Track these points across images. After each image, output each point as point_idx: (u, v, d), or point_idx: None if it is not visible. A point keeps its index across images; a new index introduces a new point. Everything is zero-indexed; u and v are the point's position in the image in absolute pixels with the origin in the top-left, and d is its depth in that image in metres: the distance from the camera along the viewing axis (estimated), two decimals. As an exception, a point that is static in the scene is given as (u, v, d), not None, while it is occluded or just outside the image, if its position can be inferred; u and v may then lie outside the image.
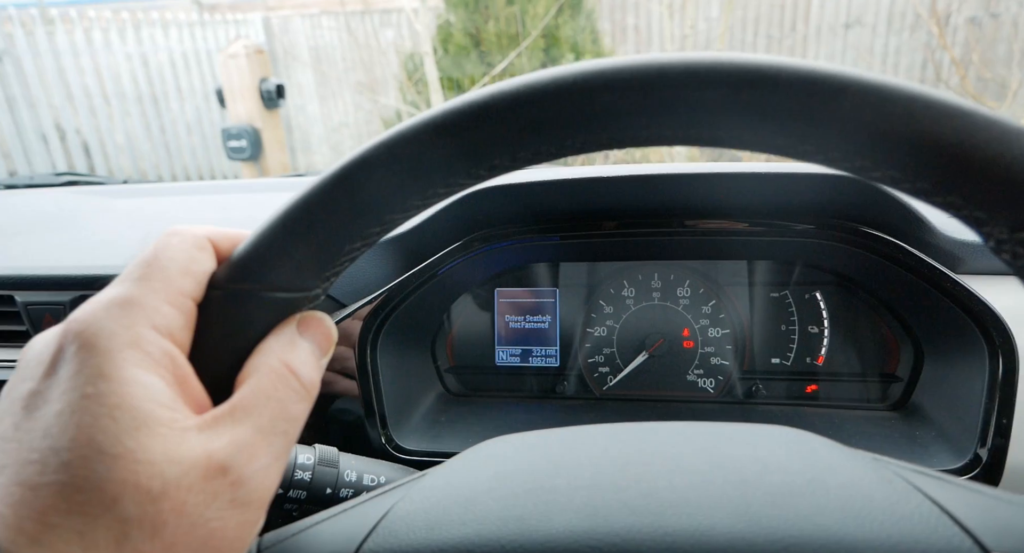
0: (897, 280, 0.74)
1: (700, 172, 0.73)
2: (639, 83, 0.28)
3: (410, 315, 0.83)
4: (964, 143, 0.26)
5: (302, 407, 0.31)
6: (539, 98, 0.30)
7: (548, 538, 0.33)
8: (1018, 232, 0.28)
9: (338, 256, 0.33)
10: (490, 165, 0.32)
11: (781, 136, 0.29)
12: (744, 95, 0.27)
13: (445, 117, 0.31)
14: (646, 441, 0.41)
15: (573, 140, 0.31)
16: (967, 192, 0.28)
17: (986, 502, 0.32)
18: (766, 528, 0.32)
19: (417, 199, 0.32)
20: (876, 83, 0.27)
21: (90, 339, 0.27)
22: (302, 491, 0.54)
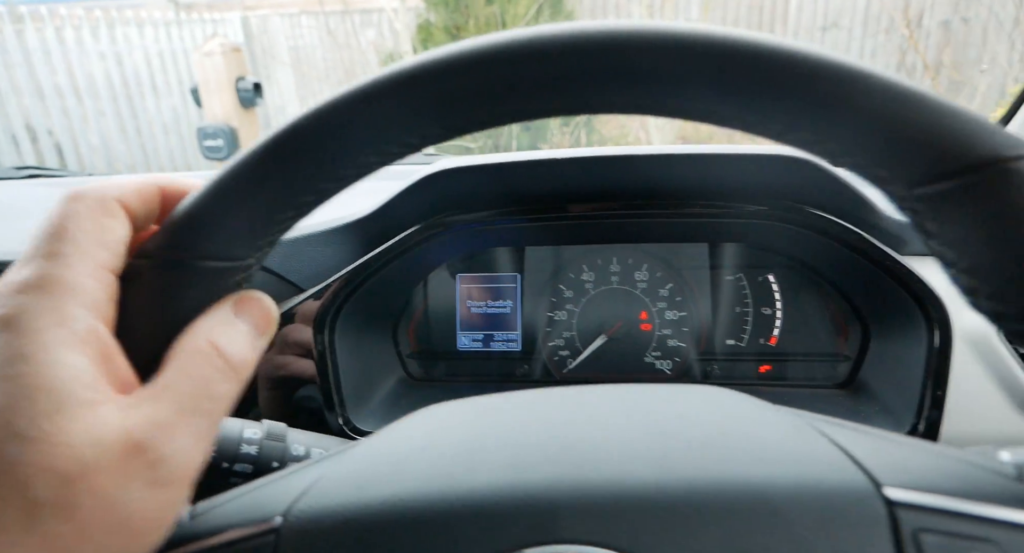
0: (845, 261, 0.76)
1: (653, 153, 0.74)
2: (562, 51, 0.29)
3: (371, 299, 0.83)
4: (863, 104, 0.28)
5: (228, 387, 0.31)
6: (469, 66, 0.30)
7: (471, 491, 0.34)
8: (915, 188, 0.29)
9: (271, 225, 0.33)
10: (422, 134, 0.32)
11: (699, 101, 0.30)
12: (662, 61, 0.28)
13: (375, 85, 0.31)
14: (575, 402, 0.42)
15: (504, 107, 0.31)
16: (869, 152, 0.29)
17: (883, 444, 0.33)
18: (677, 474, 0.33)
19: (350, 168, 0.33)
20: (782, 48, 0.28)
21: (11, 321, 0.26)
22: (248, 465, 0.54)
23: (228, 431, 0.55)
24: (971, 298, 0.30)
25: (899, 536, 0.28)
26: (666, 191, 0.80)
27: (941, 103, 0.28)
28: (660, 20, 0.30)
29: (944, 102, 0.28)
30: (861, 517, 0.29)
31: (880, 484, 0.30)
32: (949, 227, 0.29)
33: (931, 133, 0.27)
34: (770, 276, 0.85)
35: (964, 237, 0.28)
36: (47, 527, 0.24)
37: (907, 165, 0.29)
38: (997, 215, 0.27)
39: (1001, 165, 0.26)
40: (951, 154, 0.27)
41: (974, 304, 0.30)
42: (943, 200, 0.28)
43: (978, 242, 0.28)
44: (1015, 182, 0.26)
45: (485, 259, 0.93)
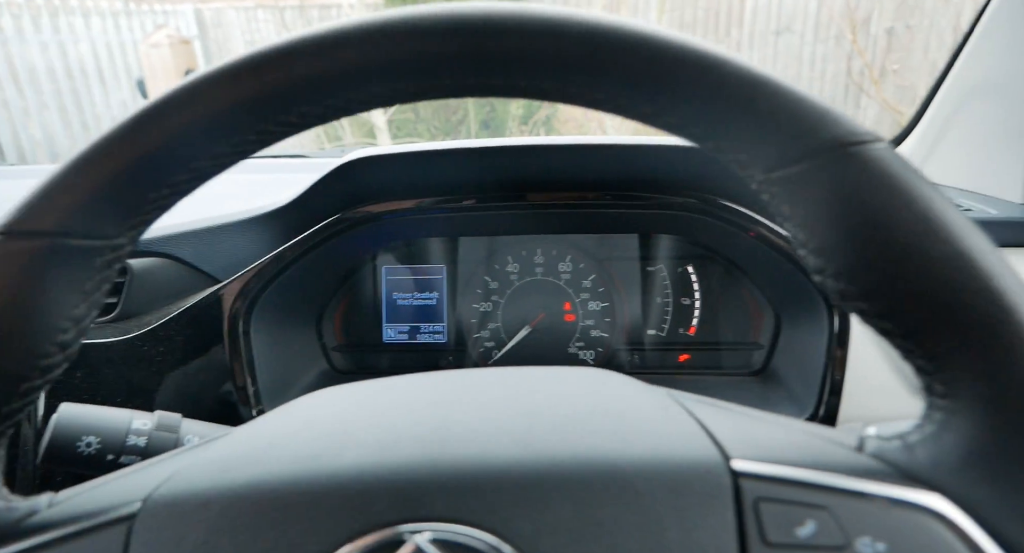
0: (756, 252, 0.77)
1: (574, 144, 0.75)
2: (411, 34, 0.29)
3: (292, 291, 0.82)
4: (721, 89, 0.29)
5: None
6: (345, 45, 0.30)
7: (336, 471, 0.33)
8: (770, 173, 0.30)
9: (143, 203, 0.32)
10: (299, 112, 0.32)
11: (572, 84, 0.30)
12: (532, 46, 0.29)
13: (248, 61, 0.30)
14: (453, 385, 0.41)
15: (375, 88, 0.31)
16: (729, 136, 0.30)
17: (739, 419, 0.34)
18: (540, 451, 0.33)
19: (225, 147, 0.32)
20: (647, 34, 0.29)
21: None
22: (136, 457, 0.53)
23: (115, 422, 0.53)
24: (819, 277, 0.30)
25: (741, 505, 0.29)
26: (595, 181, 0.80)
27: (791, 91, 0.29)
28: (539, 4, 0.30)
29: (794, 90, 0.29)
30: (708, 488, 0.30)
31: (729, 456, 0.30)
32: (799, 209, 0.29)
33: (781, 119, 0.28)
34: (689, 267, 0.86)
35: (812, 218, 0.29)
36: None
37: (761, 149, 0.29)
38: (839, 197, 0.28)
39: (842, 150, 0.28)
40: (798, 139, 0.28)
41: (822, 283, 0.30)
42: (793, 183, 0.29)
43: (823, 223, 0.29)
44: (855, 166, 0.27)
45: (411, 250, 0.92)
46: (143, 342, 0.76)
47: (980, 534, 0.26)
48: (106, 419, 0.53)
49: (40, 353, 0.32)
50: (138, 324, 0.77)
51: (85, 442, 0.52)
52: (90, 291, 0.33)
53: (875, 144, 0.28)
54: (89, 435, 0.52)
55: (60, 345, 0.32)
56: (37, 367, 0.32)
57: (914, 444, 0.29)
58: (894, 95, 5.63)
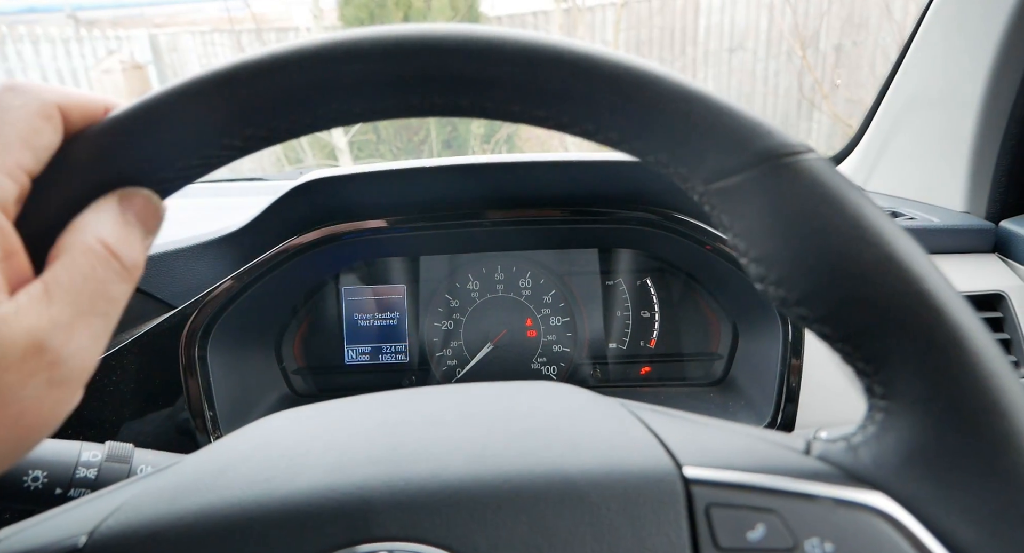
0: (711, 263, 0.78)
1: (530, 161, 0.75)
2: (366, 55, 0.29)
3: (250, 314, 0.81)
4: (658, 105, 0.29)
5: (123, 288, 0.30)
6: (296, 66, 0.30)
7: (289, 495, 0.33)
8: (709, 184, 0.30)
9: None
10: (242, 135, 0.32)
11: (514, 103, 0.31)
12: (471, 66, 0.29)
13: (184, 88, 0.30)
14: (407, 403, 0.41)
15: (328, 109, 0.31)
16: (668, 150, 0.31)
17: (691, 427, 0.34)
18: (494, 467, 0.33)
19: (193, 159, 0.32)
20: (584, 53, 0.30)
21: None
22: (86, 490, 0.51)
23: (61, 455, 0.52)
24: (760, 285, 0.31)
25: (693, 512, 0.29)
26: (554, 198, 0.81)
27: (724, 105, 0.30)
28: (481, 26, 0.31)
29: (727, 104, 0.30)
30: (660, 496, 0.30)
31: (681, 464, 0.31)
32: (738, 219, 0.30)
33: (716, 132, 0.29)
34: (648, 280, 0.87)
35: (750, 228, 0.30)
36: None
37: (699, 162, 0.30)
38: (773, 207, 0.29)
39: (776, 161, 0.28)
40: (734, 152, 0.29)
41: (764, 291, 0.31)
42: (730, 194, 0.30)
43: (761, 233, 0.29)
44: (788, 176, 0.28)
45: (371, 271, 0.92)
46: (94, 372, 0.74)
47: (923, 531, 0.27)
48: (53, 452, 0.52)
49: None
50: (89, 353, 0.75)
51: (31, 476, 0.50)
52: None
53: (806, 155, 0.29)
54: (36, 469, 0.50)
55: None
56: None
57: (857, 445, 0.30)
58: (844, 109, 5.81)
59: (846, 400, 0.69)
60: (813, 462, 0.31)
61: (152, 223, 0.32)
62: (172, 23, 6.66)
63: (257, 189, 1.25)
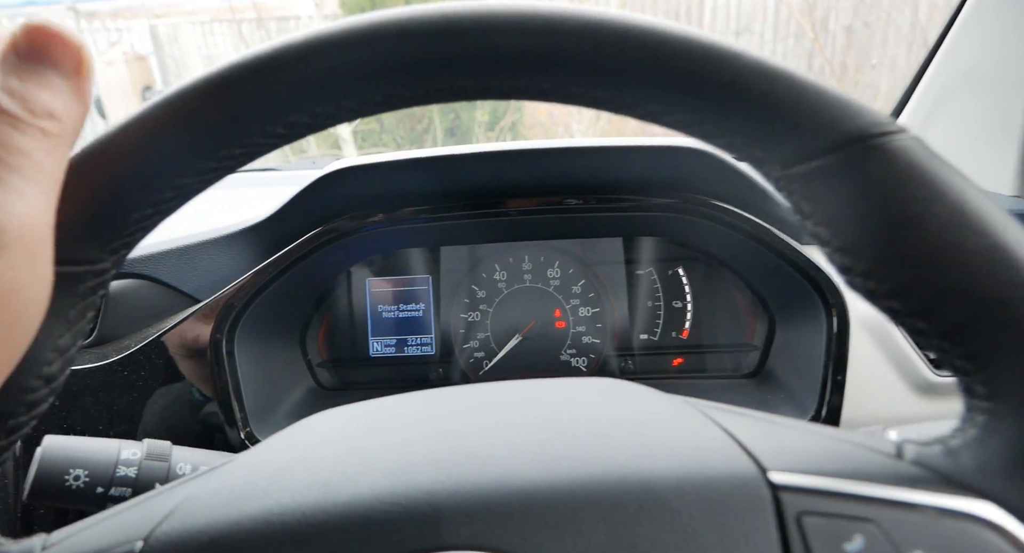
0: (749, 252, 0.77)
1: (557, 147, 0.74)
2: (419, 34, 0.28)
3: (275, 307, 0.79)
4: (735, 84, 0.27)
5: (30, 139, 0.27)
6: (331, 49, 0.29)
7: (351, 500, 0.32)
8: (789, 169, 0.29)
9: (125, 225, 0.30)
10: (287, 122, 0.30)
11: (577, 85, 0.29)
12: (530, 46, 0.27)
13: (233, 70, 0.29)
14: (466, 400, 0.40)
15: (374, 94, 0.30)
16: (744, 132, 0.29)
17: (772, 429, 0.33)
18: (564, 470, 0.31)
19: (210, 161, 0.30)
20: (654, 29, 0.28)
21: None
22: (126, 488, 0.50)
23: (102, 453, 0.51)
24: (846, 277, 0.30)
25: (783, 520, 0.27)
26: (578, 185, 0.79)
27: (809, 83, 0.28)
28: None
29: (812, 82, 0.28)
30: (746, 503, 0.28)
31: (765, 469, 0.29)
32: (821, 206, 0.28)
33: (799, 112, 0.27)
34: (680, 269, 0.86)
35: (835, 216, 0.28)
36: None
37: (779, 144, 0.28)
38: (864, 192, 0.27)
39: (867, 142, 0.26)
40: (819, 133, 0.27)
41: (849, 283, 0.29)
42: (814, 179, 0.28)
43: (848, 220, 0.28)
44: (881, 159, 0.26)
45: (395, 261, 0.90)
46: (123, 367, 0.73)
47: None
48: (93, 450, 0.51)
49: (25, 387, 0.30)
50: (116, 348, 0.74)
51: (73, 475, 0.49)
52: (74, 320, 0.31)
53: (899, 135, 0.27)
54: (76, 468, 0.49)
55: (45, 378, 0.30)
56: (22, 402, 0.30)
57: (957, 449, 0.28)
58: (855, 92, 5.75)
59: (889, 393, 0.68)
60: (908, 467, 0.29)
61: (66, 61, 0.28)
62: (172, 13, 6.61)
63: (272, 179, 1.23)
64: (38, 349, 0.30)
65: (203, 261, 0.78)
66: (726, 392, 0.77)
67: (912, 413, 0.66)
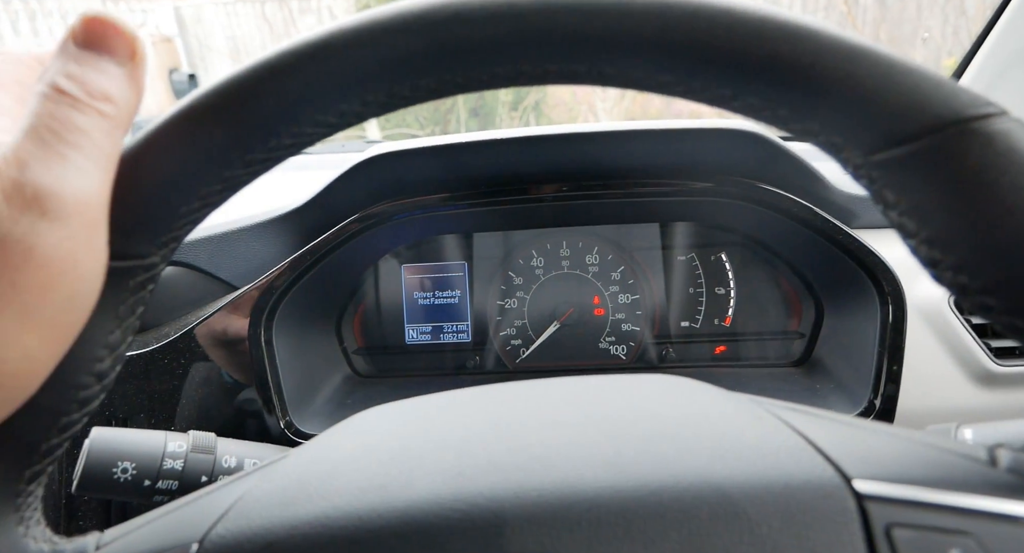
0: (796, 237, 0.74)
1: (602, 130, 0.71)
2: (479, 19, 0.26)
3: (311, 294, 0.79)
4: (814, 65, 0.25)
5: (89, 119, 0.28)
6: (383, 35, 0.27)
7: (409, 504, 0.31)
8: (872, 155, 0.27)
9: (174, 218, 0.30)
10: (338, 111, 0.29)
11: (638, 68, 0.28)
12: (595, 26, 0.26)
13: (281, 60, 0.28)
14: (521, 398, 0.39)
15: (427, 79, 0.29)
16: (821, 116, 0.27)
17: (849, 432, 0.31)
18: (634, 475, 0.30)
19: (260, 153, 0.30)
20: (725, 7, 0.26)
21: None
22: (173, 481, 0.50)
23: (148, 446, 0.51)
24: (933, 271, 0.27)
25: (871, 532, 0.26)
26: (614, 170, 0.77)
27: (896, 61, 0.26)
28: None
29: (899, 60, 0.26)
30: (830, 513, 0.27)
31: (849, 477, 0.28)
32: (909, 195, 0.26)
33: (887, 94, 0.25)
34: (723, 255, 0.84)
35: (925, 205, 0.26)
36: None
37: (862, 130, 0.26)
38: (960, 180, 0.25)
39: (963, 126, 0.24)
40: (909, 116, 0.25)
41: (937, 277, 0.27)
42: (902, 166, 0.26)
43: (940, 210, 0.26)
44: (979, 143, 0.24)
45: (431, 248, 0.89)
46: (163, 354, 0.73)
47: None
48: (140, 443, 0.51)
49: (77, 385, 0.29)
50: (157, 336, 0.74)
51: (120, 468, 0.49)
52: (124, 315, 0.31)
53: (1000, 117, 0.25)
54: (124, 461, 0.49)
55: (97, 375, 0.30)
56: (75, 400, 0.29)
57: None
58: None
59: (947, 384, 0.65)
60: (1005, 476, 0.27)
61: (117, 46, 0.30)
62: (195, -7, 6.62)
63: (303, 163, 1.22)
64: (89, 345, 0.29)
65: (241, 248, 0.78)
66: (772, 381, 0.75)
67: (972, 404, 0.64)
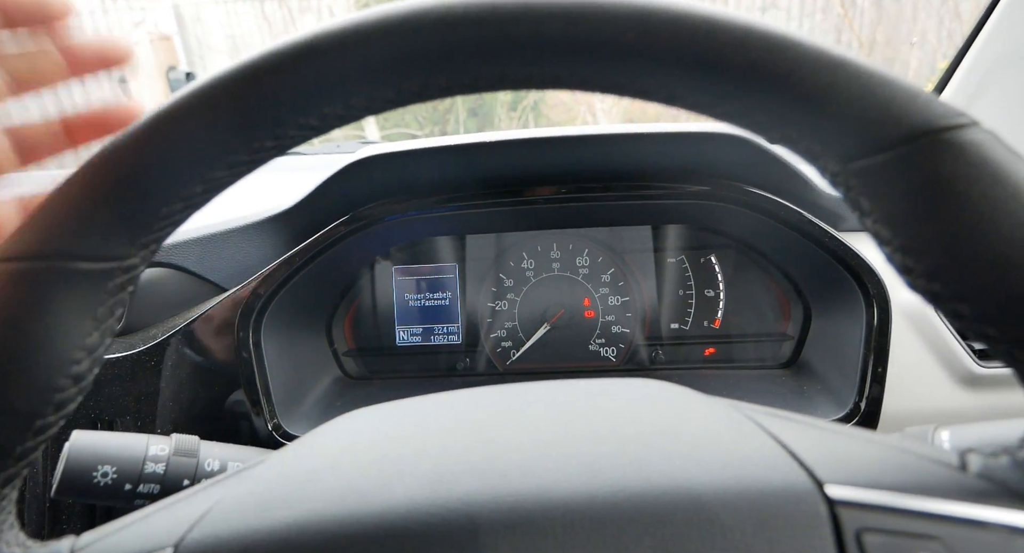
0: (785, 240, 0.74)
1: (592, 134, 0.72)
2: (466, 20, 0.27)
3: (301, 295, 0.79)
4: (792, 74, 0.26)
5: None
6: (368, 37, 0.28)
7: (386, 509, 0.31)
8: (849, 163, 0.27)
9: (154, 220, 0.30)
10: (320, 114, 0.29)
11: (620, 73, 0.28)
12: (578, 31, 0.26)
13: (264, 61, 0.28)
14: (502, 402, 0.39)
15: (410, 82, 0.29)
16: (800, 124, 0.27)
17: (824, 437, 0.31)
18: (610, 480, 0.30)
19: (243, 154, 0.30)
20: (707, 16, 0.26)
21: None
22: (155, 485, 0.50)
23: (130, 449, 0.50)
24: (907, 277, 0.28)
25: (842, 538, 0.26)
26: (607, 173, 0.77)
27: (873, 72, 0.26)
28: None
29: (876, 71, 0.26)
30: (802, 519, 0.27)
31: (822, 482, 0.28)
32: (883, 203, 0.27)
33: (862, 103, 0.25)
34: (712, 257, 0.84)
35: (898, 213, 0.26)
36: None
37: (839, 138, 0.27)
38: (932, 189, 0.25)
39: (936, 136, 0.25)
40: (884, 125, 0.25)
41: (911, 284, 0.28)
42: (877, 175, 0.26)
43: (913, 219, 0.26)
44: (951, 154, 0.24)
45: (421, 250, 0.89)
46: (150, 356, 0.73)
47: None
48: (121, 446, 0.50)
49: (53, 387, 0.29)
50: (143, 338, 0.74)
51: (101, 472, 0.49)
52: (102, 317, 0.30)
53: (972, 128, 0.25)
54: (104, 464, 0.49)
55: (73, 377, 0.30)
56: (51, 402, 0.29)
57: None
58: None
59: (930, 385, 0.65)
60: (974, 480, 0.27)
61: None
62: (194, -8, 6.62)
63: (297, 165, 1.22)
64: (66, 348, 0.29)
65: (229, 249, 0.78)
66: (760, 383, 0.75)
67: (956, 406, 0.64)
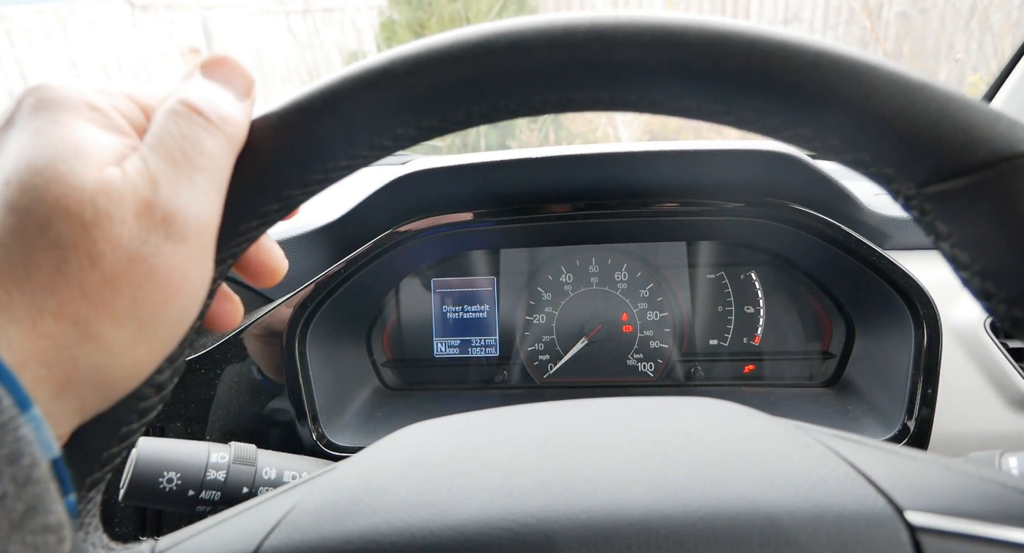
0: (828, 257, 0.74)
1: (632, 151, 0.72)
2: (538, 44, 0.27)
3: (343, 307, 0.80)
4: (869, 97, 0.26)
5: (216, 142, 0.30)
6: (446, 60, 0.28)
7: (460, 522, 0.31)
8: (925, 187, 0.27)
9: (232, 237, 0.31)
10: (393, 135, 0.30)
11: (690, 97, 0.28)
12: (649, 55, 0.27)
13: (341, 85, 0.29)
14: (566, 419, 0.39)
15: (481, 105, 0.29)
16: (874, 148, 0.27)
17: (899, 462, 0.31)
18: (682, 500, 0.30)
19: (317, 174, 0.31)
20: (782, 39, 0.26)
21: (48, 93, 0.28)
22: (216, 491, 0.51)
23: (193, 456, 0.52)
24: (987, 303, 0.28)
25: None
26: (643, 189, 0.78)
27: (952, 95, 0.26)
28: (643, 10, 0.28)
29: (955, 94, 0.26)
30: (883, 545, 0.27)
31: (902, 508, 0.28)
32: (962, 227, 0.27)
33: (942, 127, 0.25)
34: (752, 274, 0.84)
35: (979, 238, 0.26)
36: (75, 272, 0.25)
37: (916, 162, 0.27)
38: (1015, 215, 0.25)
39: (1019, 161, 0.25)
40: (964, 149, 0.25)
41: (990, 310, 0.28)
42: (956, 198, 0.26)
43: (995, 243, 0.26)
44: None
45: (460, 263, 0.90)
46: (200, 365, 0.74)
47: None
48: (185, 453, 0.52)
49: (138, 396, 0.30)
50: (193, 346, 0.76)
51: (166, 478, 0.50)
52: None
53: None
54: (170, 471, 0.50)
55: (156, 386, 0.31)
56: (135, 410, 0.30)
57: None
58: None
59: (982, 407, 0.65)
60: None
61: (240, 82, 0.32)
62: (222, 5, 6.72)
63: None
64: None
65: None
66: (802, 402, 0.74)
67: (1008, 430, 0.63)
